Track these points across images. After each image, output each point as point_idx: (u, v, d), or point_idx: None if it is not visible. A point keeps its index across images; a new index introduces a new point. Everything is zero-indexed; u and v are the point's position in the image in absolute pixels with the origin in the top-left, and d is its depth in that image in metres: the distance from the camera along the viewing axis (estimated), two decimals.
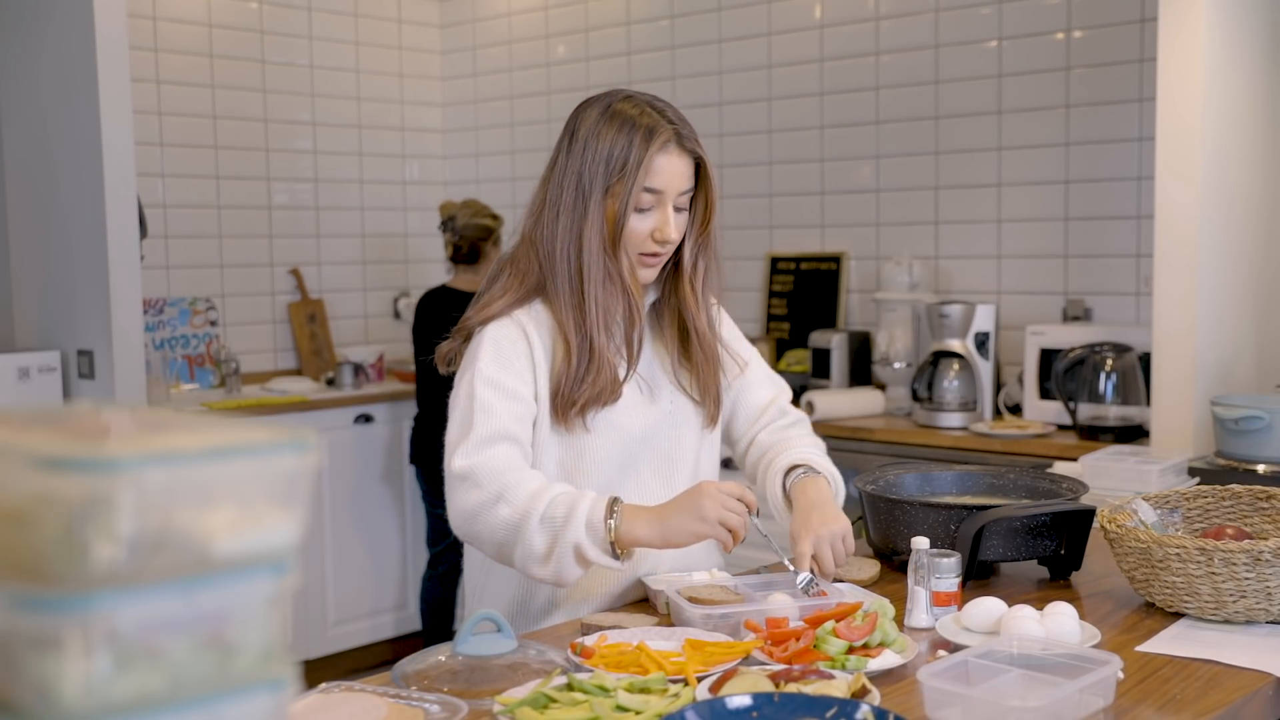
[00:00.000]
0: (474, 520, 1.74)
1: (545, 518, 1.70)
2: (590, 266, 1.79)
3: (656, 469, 1.89)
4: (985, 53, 3.95)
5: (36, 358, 3.63)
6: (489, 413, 1.76)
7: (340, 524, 4.36)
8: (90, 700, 0.71)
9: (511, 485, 1.72)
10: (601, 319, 1.80)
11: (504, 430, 1.76)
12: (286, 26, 4.88)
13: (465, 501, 1.75)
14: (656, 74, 4.70)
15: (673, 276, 1.91)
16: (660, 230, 1.80)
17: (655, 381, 1.91)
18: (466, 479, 1.74)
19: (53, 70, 3.61)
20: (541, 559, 1.72)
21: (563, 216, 1.80)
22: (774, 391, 2.06)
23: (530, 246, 1.85)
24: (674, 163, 1.79)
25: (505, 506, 1.71)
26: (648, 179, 1.78)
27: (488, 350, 1.80)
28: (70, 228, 3.63)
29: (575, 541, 1.69)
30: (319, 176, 5.00)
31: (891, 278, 4.01)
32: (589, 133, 1.80)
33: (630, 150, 1.77)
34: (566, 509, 1.70)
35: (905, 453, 3.54)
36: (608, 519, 1.69)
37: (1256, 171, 3.22)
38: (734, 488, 1.72)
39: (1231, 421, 2.78)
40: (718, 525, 1.70)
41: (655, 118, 1.80)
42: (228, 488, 0.77)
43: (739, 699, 1.27)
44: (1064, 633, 1.56)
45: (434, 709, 1.35)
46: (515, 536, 1.72)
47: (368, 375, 4.78)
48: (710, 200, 1.86)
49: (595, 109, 1.82)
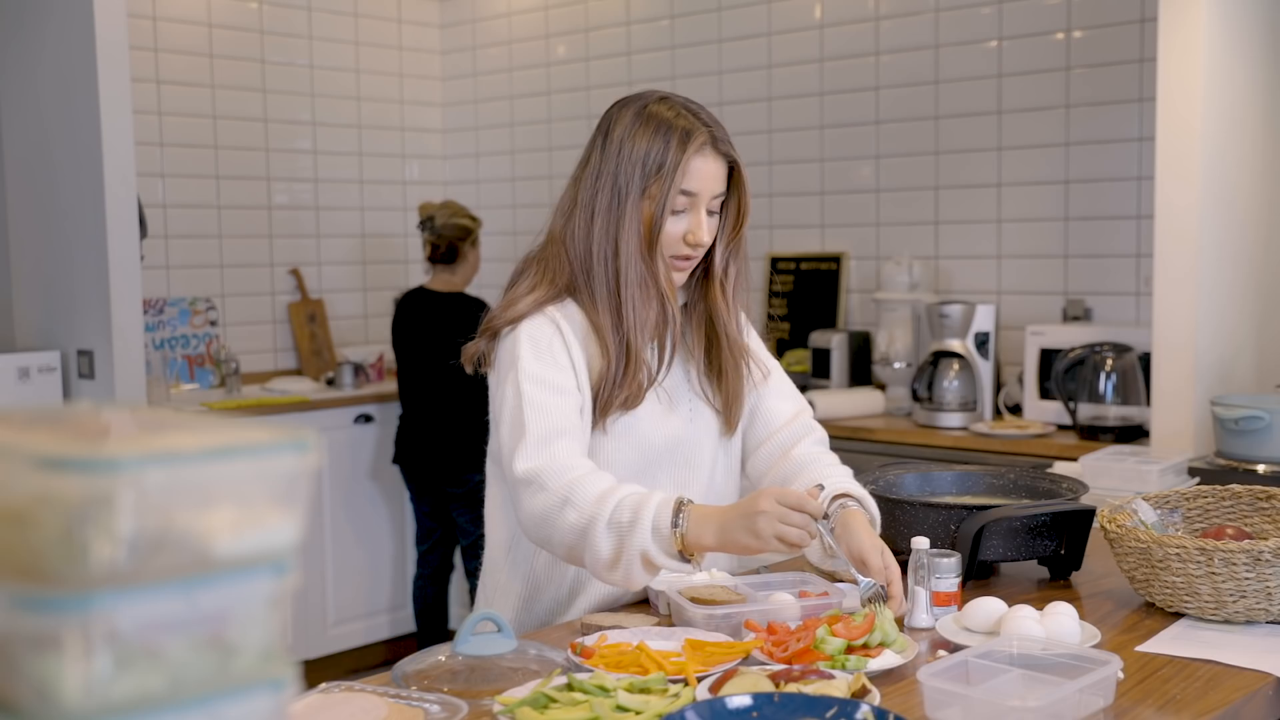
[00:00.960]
0: (543, 525, 1.70)
1: (612, 522, 1.65)
2: (627, 269, 1.77)
3: (673, 476, 1.87)
4: (985, 53, 3.95)
5: (36, 358, 3.63)
6: (542, 410, 1.72)
7: (340, 524, 4.36)
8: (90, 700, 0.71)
9: (578, 488, 1.67)
10: (637, 322, 1.78)
11: (560, 426, 1.72)
12: (286, 26, 4.88)
13: (533, 506, 1.70)
14: (656, 74, 4.70)
15: (703, 281, 1.88)
16: (693, 233, 1.78)
17: (676, 389, 1.88)
18: (531, 483, 1.69)
19: (53, 70, 3.61)
20: (609, 565, 1.67)
21: (598, 218, 1.78)
22: (797, 406, 2.01)
23: (560, 246, 1.82)
24: (709, 165, 1.78)
25: (572, 510, 1.67)
26: (684, 182, 1.76)
27: (526, 348, 1.77)
28: (70, 228, 3.63)
29: (642, 548, 1.65)
30: (319, 176, 5.00)
31: (891, 278, 4.01)
32: (624, 134, 1.78)
33: (667, 153, 1.75)
34: (633, 513, 1.65)
35: (905, 453, 3.54)
36: (674, 525, 1.64)
37: (1256, 171, 3.22)
38: (795, 498, 1.63)
39: (1231, 421, 2.78)
40: (774, 540, 1.62)
41: (691, 120, 1.78)
42: (228, 488, 0.77)
43: (739, 699, 1.27)
44: (1064, 633, 1.56)
45: (434, 709, 1.35)
46: (583, 541, 1.67)
47: (368, 375, 4.78)
48: (743, 204, 1.84)
49: (630, 110, 1.80)
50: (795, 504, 1.62)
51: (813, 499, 1.65)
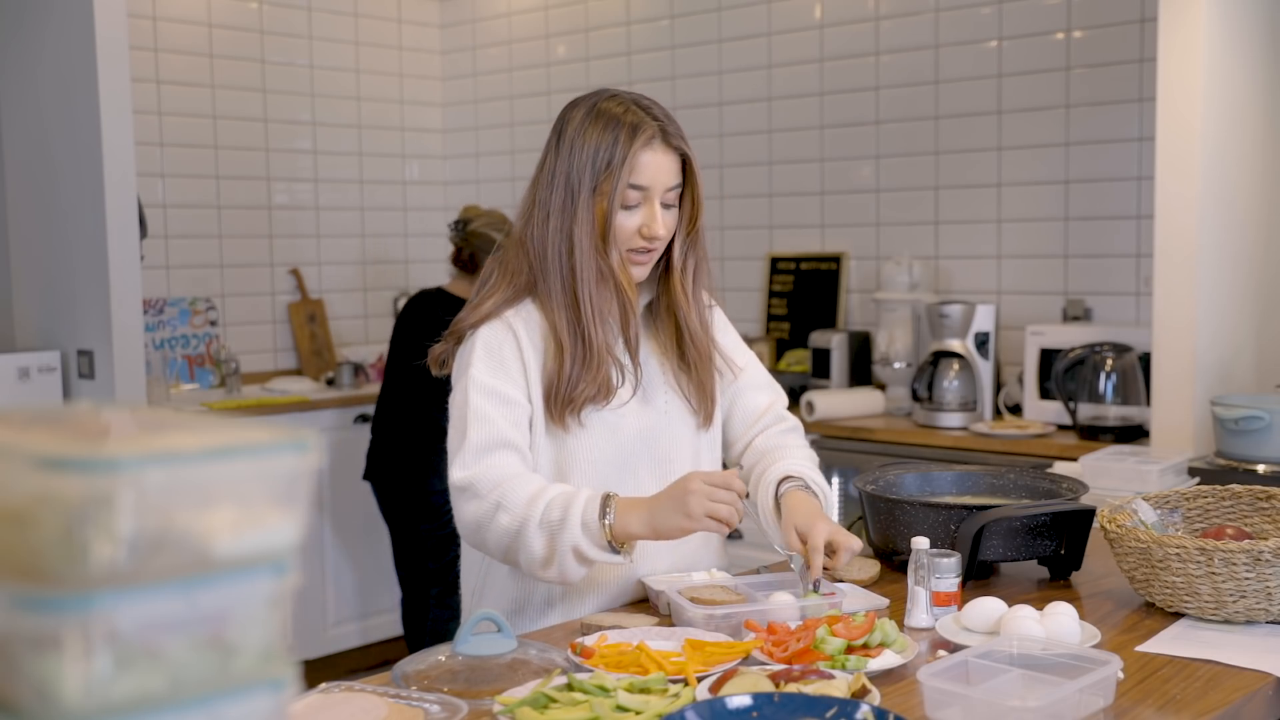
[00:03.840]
0: (479, 530, 1.76)
1: (543, 522, 1.71)
2: (582, 266, 1.80)
3: (653, 470, 1.89)
4: (985, 53, 3.95)
5: (36, 358, 3.63)
6: (484, 420, 1.78)
7: (340, 524, 4.36)
8: (90, 700, 0.71)
9: (509, 492, 1.73)
10: (596, 317, 1.80)
11: (500, 437, 1.77)
12: (286, 26, 4.88)
13: (467, 513, 1.76)
14: (656, 74, 4.70)
15: (665, 276, 1.91)
16: (647, 227, 1.80)
17: (651, 383, 1.91)
18: (465, 490, 1.76)
19: (53, 70, 3.61)
20: (543, 563, 1.73)
21: (553, 217, 1.81)
22: (771, 397, 2.05)
23: (520, 247, 1.86)
24: (659, 159, 1.80)
25: (505, 514, 1.73)
26: (633, 175, 1.79)
27: (480, 355, 1.81)
28: (70, 228, 3.63)
29: (573, 543, 1.70)
30: (319, 176, 5.00)
31: (891, 278, 4.01)
32: (575, 133, 1.82)
33: (615, 148, 1.78)
34: (562, 511, 1.71)
35: (905, 453, 3.54)
36: (602, 517, 1.70)
37: (1256, 171, 3.22)
38: (721, 477, 1.70)
39: (1231, 421, 2.78)
40: (705, 519, 1.69)
41: (640, 115, 1.81)
42: (228, 488, 0.77)
43: (739, 699, 1.27)
44: (1064, 633, 1.56)
45: (434, 709, 1.35)
46: (517, 543, 1.73)
47: (368, 375, 4.78)
48: (697, 197, 1.86)
49: (581, 109, 1.84)
50: (722, 483, 1.69)
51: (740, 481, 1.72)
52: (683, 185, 1.85)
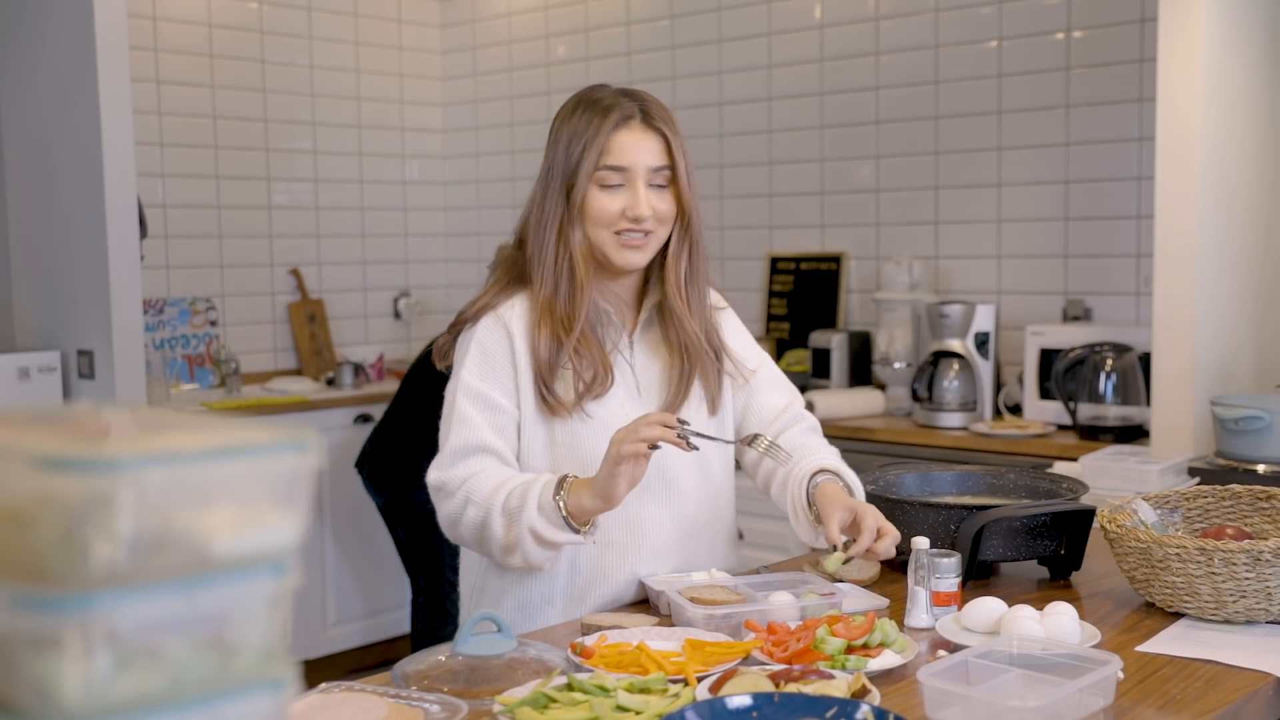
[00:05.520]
0: (454, 527, 1.82)
1: (505, 509, 1.75)
2: (568, 253, 1.82)
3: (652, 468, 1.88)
4: (985, 53, 3.95)
5: (36, 358, 3.63)
6: (466, 424, 1.81)
7: (340, 524, 4.36)
8: (90, 700, 0.71)
9: (475, 487, 1.78)
10: (579, 305, 1.82)
11: (478, 442, 1.80)
12: (286, 26, 4.88)
13: (442, 511, 1.82)
14: (656, 74, 4.70)
15: (660, 269, 1.90)
16: (631, 208, 1.80)
17: (653, 379, 1.91)
18: (440, 490, 1.82)
19: (53, 70, 3.61)
20: (507, 549, 1.77)
21: (540, 207, 1.85)
22: (787, 396, 2.04)
23: (520, 241, 1.90)
24: (637, 139, 1.80)
25: (472, 508, 1.78)
26: (608, 156, 1.80)
27: (472, 355, 1.84)
28: (70, 228, 3.63)
29: (530, 524, 1.73)
30: (319, 176, 5.00)
31: (891, 278, 4.01)
32: (560, 124, 1.85)
33: (589, 130, 1.80)
34: (520, 498, 1.74)
35: (905, 453, 3.53)
36: (556, 497, 1.72)
37: (1256, 171, 3.22)
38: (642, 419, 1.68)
39: (1231, 421, 2.78)
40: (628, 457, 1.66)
41: (619, 99, 1.83)
42: (228, 488, 0.77)
43: (739, 699, 1.27)
44: (1064, 633, 1.56)
45: (434, 709, 1.35)
46: (485, 533, 1.77)
47: (368, 375, 4.78)
48: (679, 181, 1.84)
49: (569, 104, 1.87)
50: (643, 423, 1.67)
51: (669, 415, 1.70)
52: (672, 169, 1.84)
